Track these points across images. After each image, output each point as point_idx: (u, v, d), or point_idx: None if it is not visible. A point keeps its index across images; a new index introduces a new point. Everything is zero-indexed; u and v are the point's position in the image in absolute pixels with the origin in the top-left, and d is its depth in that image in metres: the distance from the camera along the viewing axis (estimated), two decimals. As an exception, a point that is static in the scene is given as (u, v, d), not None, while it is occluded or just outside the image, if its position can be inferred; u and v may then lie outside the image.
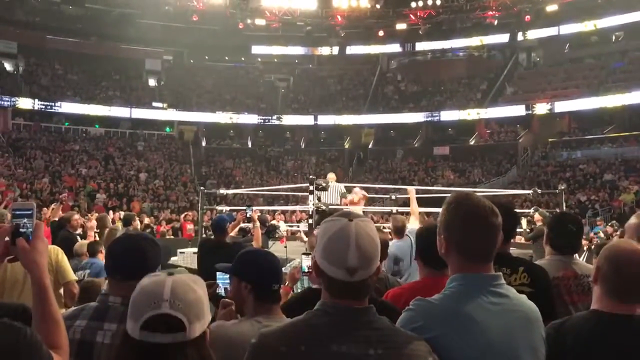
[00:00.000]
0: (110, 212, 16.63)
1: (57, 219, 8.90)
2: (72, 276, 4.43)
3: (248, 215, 7.36)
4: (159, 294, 1.43)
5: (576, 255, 3.67)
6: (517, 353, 1.75)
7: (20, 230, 1.69)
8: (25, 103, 32.25)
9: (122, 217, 10.82)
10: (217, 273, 3.32)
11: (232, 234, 8.39)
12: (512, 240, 3.35)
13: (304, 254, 3.67)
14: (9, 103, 31.71)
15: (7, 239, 1.69)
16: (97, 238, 8.26)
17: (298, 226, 15.61)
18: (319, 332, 1.59)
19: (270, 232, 9.18)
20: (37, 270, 1.67)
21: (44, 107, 32.83)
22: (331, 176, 10.65)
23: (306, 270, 3.54)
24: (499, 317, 1.75)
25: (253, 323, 2.17)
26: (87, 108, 33.90)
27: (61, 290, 4.31)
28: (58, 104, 33.15)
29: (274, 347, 1.57)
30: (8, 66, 35.31)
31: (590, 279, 2.30)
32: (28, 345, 1.36)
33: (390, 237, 5.51)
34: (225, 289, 3.32)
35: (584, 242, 10.82)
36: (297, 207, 18.93)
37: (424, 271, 3.01)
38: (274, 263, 2.41)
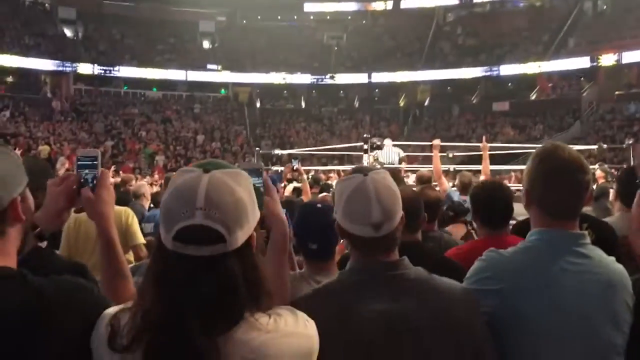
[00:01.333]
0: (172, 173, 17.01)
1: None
2: (141, 239, 4.44)
3: (294, 168, 7.30)
4: (192, 199, 1.20)
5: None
6: (590, 319, 1.63)
7: (85, 178, 1.60)
8: (85, 68, 33.12)
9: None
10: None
11: (287, 193, 8.38)
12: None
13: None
14: (70, 68, 32.65)
15: (74, 187, 1.59)
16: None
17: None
18: (353, 291, 1.55)
19: (324, 191, 9.11)
20: (102, 221, 1.57)
21: (103, 72, 33.67)
22: (387, 142, 10.49)
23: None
24: (575, 278, 1.64)
25: (309, 282, 2.16)
26: (144, 72, 34.61)
27: (130, 254, 4.35)
28: (116, 68, 33.93)
29: (312, 310, 1.45)
30: (68, 32, 36.24)
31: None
32: (95, 304, 1.29)
33: (441, 195, 5.36)
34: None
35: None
36: (352, 167, 18.79)
37: (482, 231, 2.95)
38: (314, 222, 2.30)
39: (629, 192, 3.25)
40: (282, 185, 8.55)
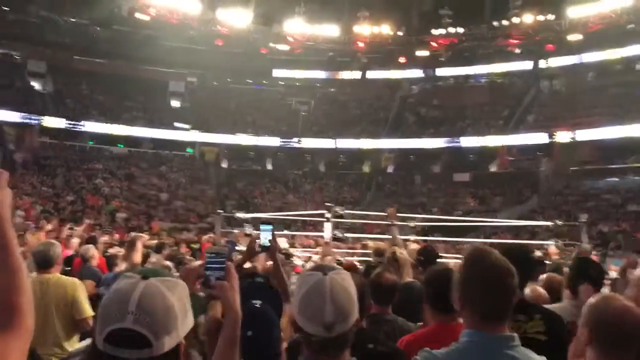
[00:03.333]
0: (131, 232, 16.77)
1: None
2: (89, 312, 4.25)
3: (247, 233, 7.29)
4: (125, 303, 1.28)
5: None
6: None
7: None
8: (51, 122, 32.91)
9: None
10: (260, 225, 3.38)
11: (261, 262, 8.32)
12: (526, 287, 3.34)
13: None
14: (36, 121, 32.37)
15: None
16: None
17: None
18: None
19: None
20: None
21: (69, 126, 33.45)
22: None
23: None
24: None
25: None
26: (111, 128, 34.54)
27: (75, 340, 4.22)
28: (83, 123, 33.75)
29: None
30: (37, 85, 36.13)
31: (585, 342, 2.12)
32: None
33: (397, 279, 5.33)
34: (269, 240, 3.31)
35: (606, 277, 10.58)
36: (313, 233, 18.83)
37: (434, 317, 2.98)
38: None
39: (580, 282, 3.46)
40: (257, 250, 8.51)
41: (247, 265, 3.26)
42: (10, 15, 33.21)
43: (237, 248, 7.57)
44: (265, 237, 3.39)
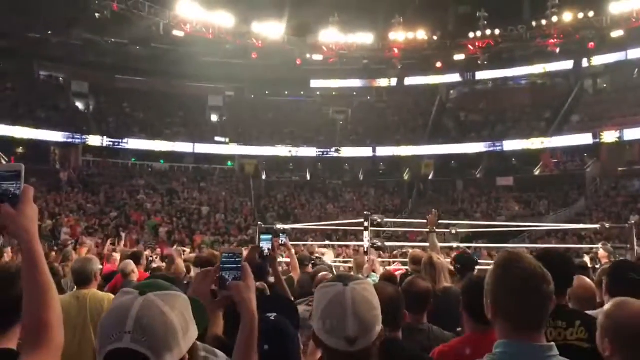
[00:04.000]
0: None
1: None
2: None
3: (282, 242, 7.28)
4: (122, 322, 1.24)
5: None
6: None
7: (5, 193, 1.48)
8: (94, 140, 33.79)
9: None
10: (261, 235, 3.67)
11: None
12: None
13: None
14: (80, 140, 33.29)
15: None
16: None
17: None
18: None
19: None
20: (25, 236, 1.46)
21: (112, 143, 34.28)
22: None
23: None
24: None
25: None
26: (152, 144, 35.26)
27: None
28: (125, 140, 34.54)
29: None
30: (80, 105, 37.25)
31: (607, 353, 2.03)
32: None
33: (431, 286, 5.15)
34: (269, 249, 3.61)
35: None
36: (352, 243, 18.68)
37: (470, 324, 2.90)
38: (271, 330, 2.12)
39: (618, 287, 3.20)
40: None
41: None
42: (53, 38, 34.32)
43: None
44: (265, 247, 3.45)
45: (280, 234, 8.28)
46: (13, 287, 1.93)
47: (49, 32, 34.12)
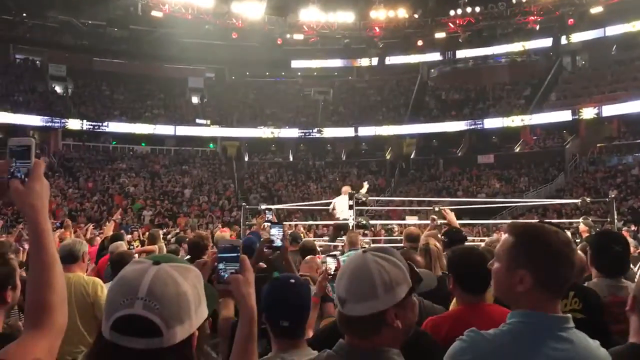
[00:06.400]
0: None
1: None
2: None
3: (268, 218, 7.28)
4: (134, 288, 1.18)
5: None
6: None
7: (13, 170, 1.45)
8: (74, 124, 33.28)
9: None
10: (271, 226, 3.63)
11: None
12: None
13: (329, 255, 3.57)
14: (59, 124, 32.80)
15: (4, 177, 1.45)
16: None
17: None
18: None
19: (309, 252, 9.05)
20: (33, 213, 1.41)
21: (91, 127, 33.81)
22: (345, 189, 10.30)
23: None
24: None
25: None
26: (133, 127, 34.83)
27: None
28: (105, 123, 34.10)
29: None
30: (58, 89, 36.63)
31: (627, 307, 2.07)
32: None
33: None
34: (281, 239, 3.54)
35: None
36: (335, 222, 18.74)
37: (462, 297, 2.88)
38: (286, 299, 2.23)
39: (602, 259, 3.28)
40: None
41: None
42: (29, 20, 33.60)
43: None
44: (277, 237, 3.43)
45: (267, 212, 8.30)
46: None
47: (24, 15, 33.37)
